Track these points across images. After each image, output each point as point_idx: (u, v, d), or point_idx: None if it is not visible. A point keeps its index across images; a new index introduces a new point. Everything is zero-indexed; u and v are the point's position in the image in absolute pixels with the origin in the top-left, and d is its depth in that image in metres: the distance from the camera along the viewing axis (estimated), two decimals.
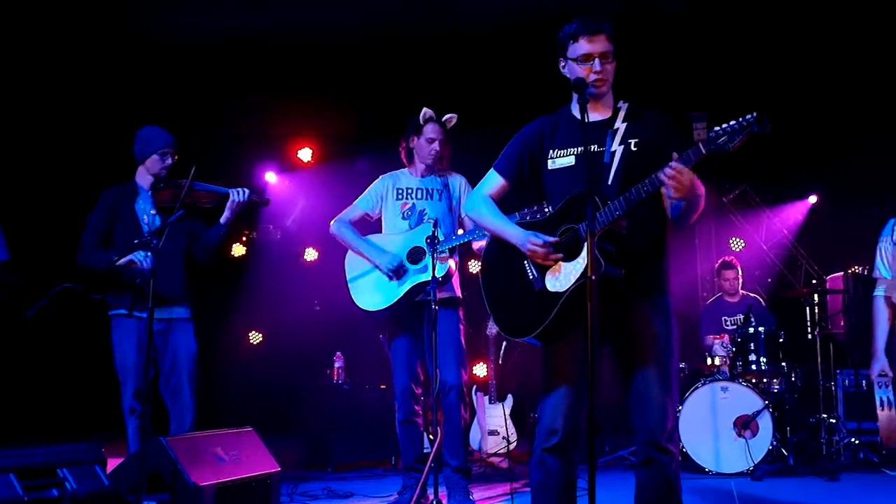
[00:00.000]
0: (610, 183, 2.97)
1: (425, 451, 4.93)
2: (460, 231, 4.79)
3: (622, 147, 3.01)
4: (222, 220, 4.61)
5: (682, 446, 5.70)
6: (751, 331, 6.13)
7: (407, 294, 4.67)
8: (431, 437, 4.75)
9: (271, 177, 8.31)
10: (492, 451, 6.53)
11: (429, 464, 4.38)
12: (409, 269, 4.70)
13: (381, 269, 4.72)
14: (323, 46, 7.30)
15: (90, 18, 6.58)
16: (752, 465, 5.66)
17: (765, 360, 6.05)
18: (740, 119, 2.70)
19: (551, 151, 3.12)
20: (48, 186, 6.80)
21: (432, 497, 4.32)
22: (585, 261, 2.81)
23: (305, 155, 8.40)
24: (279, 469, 4.15)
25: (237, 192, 4.59)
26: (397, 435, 4.87)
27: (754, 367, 6.06)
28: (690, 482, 5.04)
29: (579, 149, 3.02)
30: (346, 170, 7.64)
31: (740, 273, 7.06)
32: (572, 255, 2.94)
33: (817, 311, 6.86)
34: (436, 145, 4.81)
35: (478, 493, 5.05)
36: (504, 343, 6.52)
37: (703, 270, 8.71)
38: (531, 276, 3.02)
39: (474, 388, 6.68)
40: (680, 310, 3.16)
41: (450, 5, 6.90)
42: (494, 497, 5.11)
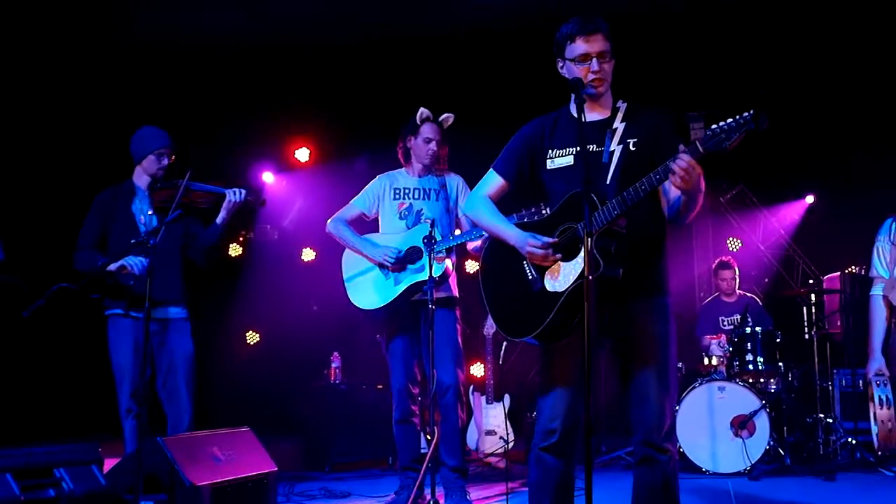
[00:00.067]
0: (608, 183, 2.96)
1: (422, 450, 4.93)
2: (458, 231, 4.79)
3: (621, 147, 3.01)
4: (219, 220, 4.60)
5: (679, 446, 5.70)
6: (748, 331, 6.14)
7: (404, 294, 4.66)
8: (428, 436, 4.74)
9: (268, 177, 8.29)
10: (489, 451, 6.52)
11: (426, 464, 4.37)
12: (406, 269, 4.70)
13: (383, 261, 4.69)
14: (320, 46, 7.30)
15: (90, 21, 6.58)
16: (749, 464, 5.67)
17: (762, 360, 6.06)
18: (737, 117, 2.69)
19: (550, 151, 3.11)
20: (46, 187, 6.78)
21: (429, 497, 4.32)
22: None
23: (303, 155, 8.38)
24: (276, 469, 4.15)
25: (234, 193, 4.58)
26: (394, 435, 4.87)
27: (751, 366, 6.07)
28: (687, 482, 5.02)
29: (578, 149, 3.01)
30: (344, 170, 7.63)
31: (737, 273, 7.06)
32: (571, 255, 2.93)
33: (814, 310, 6.88)
34: (433, 145, 4.81)
35: (475, 492, 5.04)
36: (504, 343, 6.51)
37: (700, 270, 8.72)
38: (530, 276, 3.02)
39: (471, 387, 6.68)
40: (677, 310, 3.16)
41: (448, 5, 6.90)
42: (491, 497, 5.11)
